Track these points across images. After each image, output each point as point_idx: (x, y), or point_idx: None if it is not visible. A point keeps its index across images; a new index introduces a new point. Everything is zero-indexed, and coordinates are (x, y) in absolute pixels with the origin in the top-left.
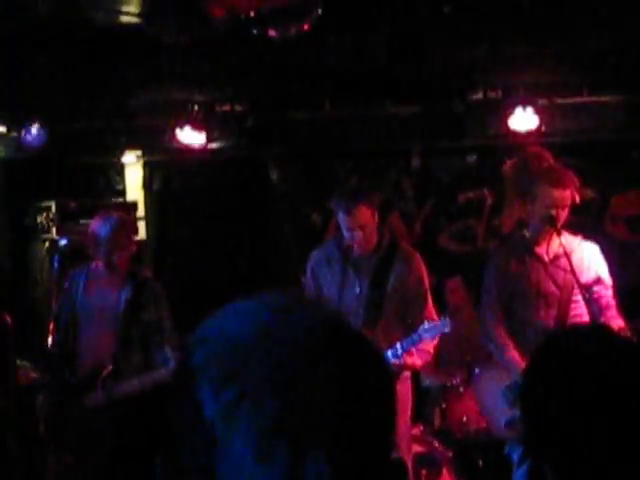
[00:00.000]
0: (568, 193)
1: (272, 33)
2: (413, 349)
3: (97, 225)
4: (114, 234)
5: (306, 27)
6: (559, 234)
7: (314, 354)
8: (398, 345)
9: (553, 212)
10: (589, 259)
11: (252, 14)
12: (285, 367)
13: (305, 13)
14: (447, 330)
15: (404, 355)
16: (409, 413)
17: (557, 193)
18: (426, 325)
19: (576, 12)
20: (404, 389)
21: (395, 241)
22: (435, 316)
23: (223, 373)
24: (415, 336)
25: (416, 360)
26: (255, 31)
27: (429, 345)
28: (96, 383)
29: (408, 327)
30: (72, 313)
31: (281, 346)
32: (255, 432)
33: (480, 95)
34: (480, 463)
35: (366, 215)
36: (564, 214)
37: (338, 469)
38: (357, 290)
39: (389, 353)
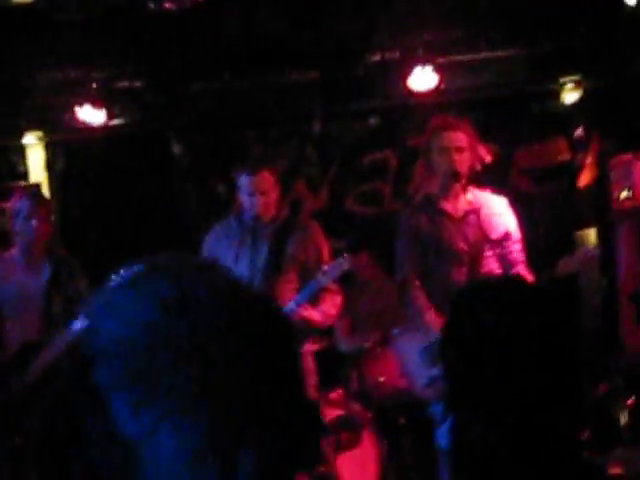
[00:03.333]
0: (461, 135)
1: (168, 5)
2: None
3: (17, 198)
4: (35, 203)
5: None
6: (464, 190)
7: (226, 353)
8: (294, 298)
9: (451, 157)
10: (498, 213)
11: None
12: (199, 378)
13: None
14: (346, 266)
15: (299, 308)
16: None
17: (448, 134)
18: (324, 268)
19: None
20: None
21: (294, 214)
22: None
23: (137, 393)
24: (313, 283)
25: (313, 314)
26: (152, 5)
27: (329, 305)
28: (22, 364)
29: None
30: None
31: (189, 348)
32: (181, 449)
33: (378, 57)
34: (401, 422)
35: (268, 180)
36: (462, 159)
37: (265, 463)
38: (254, 259)
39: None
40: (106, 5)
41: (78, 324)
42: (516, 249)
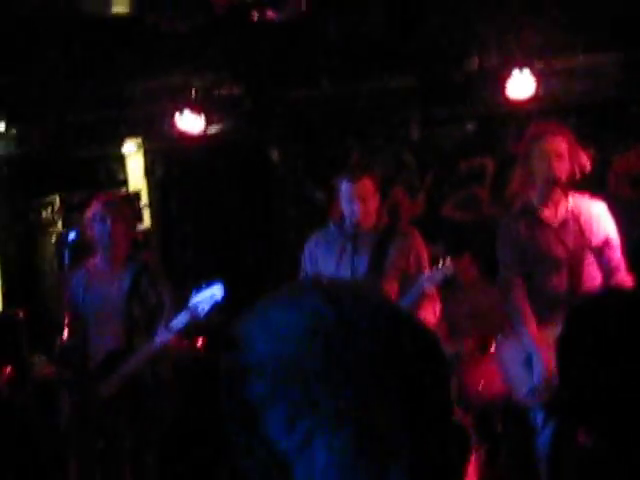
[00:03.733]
0: (560, 140)
1: (270, 15)
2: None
3: (90, 206)
4: (106, 206)
5: (303, 7)
6: (564, 197)
7: (379, 373)
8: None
9: (551, 164)
10: (597, 219)
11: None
12: (352, 395)
13: None
14: (449, 271)
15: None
16: None
17: (548, 140)
18: (428, 273)
19: None
20: None
21: (394, 222)
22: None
23: (290, 407)
24: (416, 288)
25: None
26: (254, 14)
27: (429, 312)
28: (107, 371)
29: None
30: (77, 313)
31: (344, 366)
32: (333, 463)
33: (477, 63)
34: (499, 428)
35: (369, 188)
36: (561, 165)
37: (417, 474)
38: (355, 267)
39: None
40: (210, 15)
41: (163, 335)
42: (616, 256)
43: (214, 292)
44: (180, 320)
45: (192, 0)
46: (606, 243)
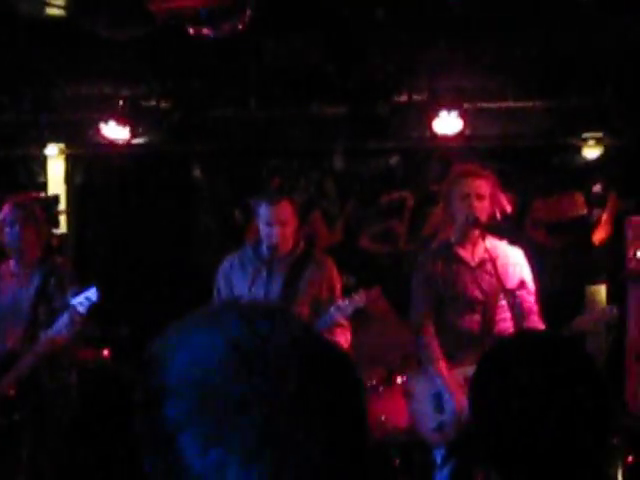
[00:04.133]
0: (482, 182)
1: (206, 32)
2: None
3: (2, 209)
4: (17, 210)
5: (240, 27)
6: (483, 238)
7: (296, 400)
8: None
9: (471, 204)
10: (514, 264)
11: (187, 12)
12: (266, 421)
13: (239, 13)
14: (361, 302)
15: None
16: None
17: (470, 181)
18: (339, 303)
19: (503, 18)
20: None
21: (310, 248)
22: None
23: (205, 431)
24: (327, 317)
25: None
26: (191, 30)
27: (342, 340)
28: (2, 372)
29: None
30: None
31: (259, 391)
32: None
33: (405, 98)
34: (397, 462)
35: (288, 211)
36: (482, 206)
37: None
38: (268, 290)
39: None
40: (148, 26)
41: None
42: (530, 299)
43: (89, 295)
44: (62, 322)
45: (132, 9)
46: (521, 286)
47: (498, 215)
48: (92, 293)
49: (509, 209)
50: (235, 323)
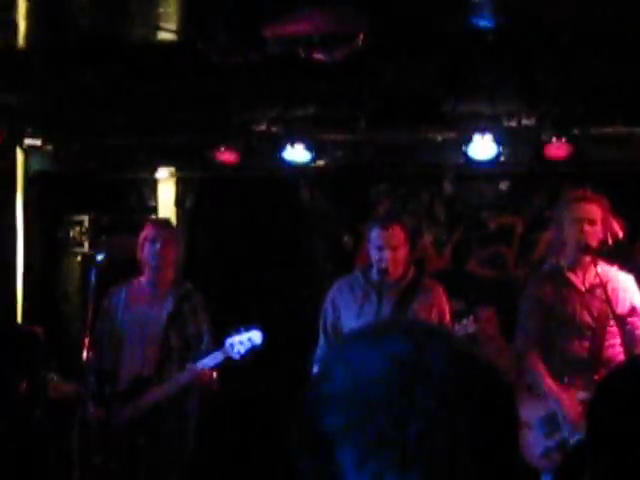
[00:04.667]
0: (594, 207)
1: (318, 56)
2: None
3: (145, 227)
4: (160, 228)
5: (353, 52)
6: (594, 264)
7: (452, 419)
8: None
9: (582, 230)
10: (624, 289)
11: (300, 38)
12: (428, 436)
13: (352, 38)
14: (471, 329)
15: None
16: None
17: (581, 206)
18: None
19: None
20: None
21: (420, 274)
22: None
23: (364, 444)
24: None
25: None
26: (302, 54)
27: None
28: (132, 395)
29: None
30: (112, 330)
31: (418, 408)
32: None
33: (515, 123)
34: None
35: (399, 236)
36: (594, 231)
37: None
38: (378, 316)
39: None
40: (262, 52)
41: (193, 371)
42: None
43: (252, 336)
44: (213, 358)
45: (247, 34)
46: (632, 313)
47: (610, 240)
48: (256, 336)
49: (621, 234)
50: (397, 339)
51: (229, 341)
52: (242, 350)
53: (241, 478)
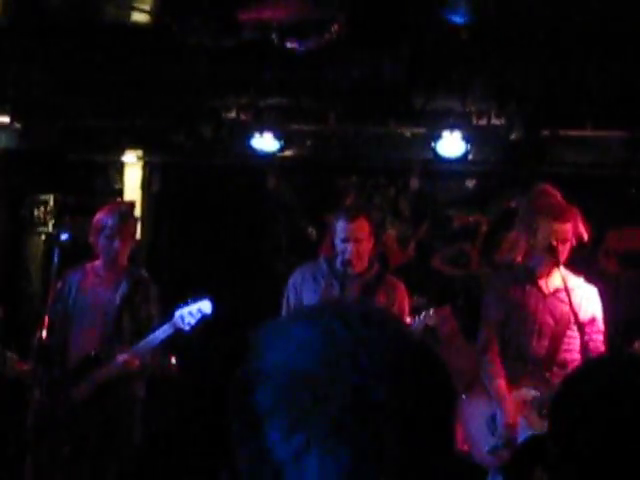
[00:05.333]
0: (569, 227)
1: (291, 44)
2: None
3: (105, 213)
4: (120, 223)
5: (326, 41)
6: (558, 266)
7: (385, 393)
8: None
9: (554, 244)
10: (588, 299)
11: (275, 24)
12: (353, 409)
13: (327, 27)
14: (431, 321)
15: None
16: None
17: (557, 226)
18: (407, 321)
19: (586, 46)
20: None
21: (383, 269)
22: None
23: (291, 417)
24: None
25: None
26: (276, 40)
27: None
28: (82, 375)
29: None
30: (64, 312)
31: (350, 383)
32: (325, 475)
33: (485, 122)
34: None
35: (365, 229)
36: (565, 248)
37: None
38: None
39: None
40: (236, 37)
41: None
42: (599, 338)
43: (202, 306)
44: (162, 331)
45: (222, 18)
46: (591, 322)
47: (575, 243)
48: (206, 306)
49: (586, 237)
50: (332, 317)
51: (178, 313)
52: (192, 321)
53: (188, 463)
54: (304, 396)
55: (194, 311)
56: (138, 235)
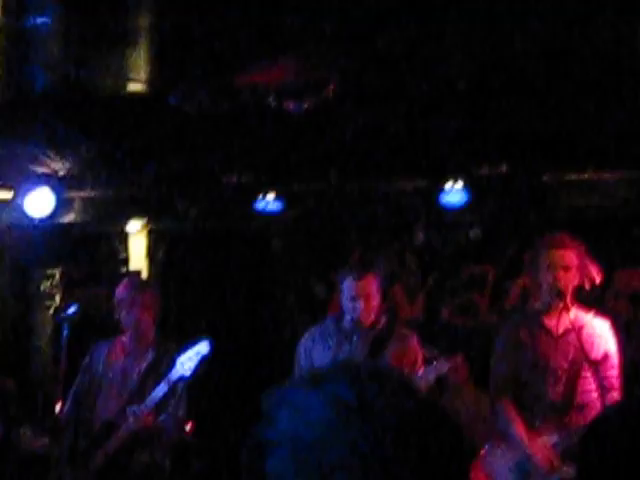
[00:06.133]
0: (569, 253)
1: (289, 106)
2: None
3: (122, 287)
4: (136, 294)
5: (323, 101)
6: (567, 309)
7: (395, 460)
8: None
9: (557, 275)
10: (599, 335)
11: (271, 88)
12: (362, 475)
13: (323, 87)
14: (443, 370)
15: None
16: None
17: (557, 252)
18: (421, 372)
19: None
20: None
21: (392, 322)
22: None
23: None
24: None
25: None
26: (273, 103)
27: None
28: (101, 443)
29: None
30: (90, 384)
31: (359, 451)
32: None
33: (486, 171)
34: None
35: (372, 286)
36: (569, 277)
37: None
38: None
39: None
40: (235, 101)
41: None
42: (613, 374)
43: (200, 349)
44: (166, 382)
45: (218, 85)
46: (605, 359)
47: (587, 285)
48: (203, 347)
49: (598, 279)
50: (340, 381)
51: (179, 361)
52: (192, 365)
53: None
54: (314, 463)
55: (193, 355)
56: None
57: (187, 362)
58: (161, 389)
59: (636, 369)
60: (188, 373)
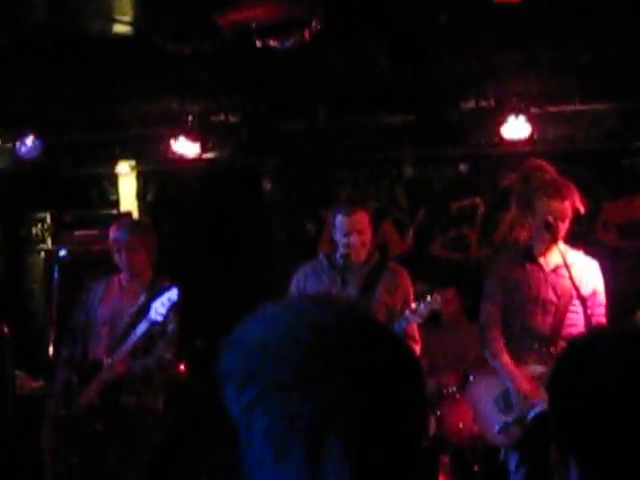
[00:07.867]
0: (567, 204)
1: (273, 43)
2: None
3: (113, 229)
4: (127, 236)
5: (307, 38)
6: (556, 243)
7: (327, 353)
8: None
9: (551, 221)
10: (588, 274)
11: (254, 25)
12: (300, 367)
13: (305, 25)
14: (436, 305)
15: None
16: None
17: (556, 205)
18: (413, 307)
19: (568, 20)
20: None
21: (383, 258)
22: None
23: (244, 374)
24: (402, 321)
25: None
26: (257, 42)
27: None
28: (89, 382)
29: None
30: (86, 321)
31: (298, 347)
32: (272, 431)
33: (473, 104)
34: (476, 469)
35: (364, 220)
36: (564, 225)
37: (359, 465)
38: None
39: None
40: (216, 41)
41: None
42: (601, 311)
43: (170, 295)
44: (139, 329)
45: (199, 23)
46: (593, 296)
47: (571, 216)
48: (173, 294)
49: (582, 210)
50: (315, 308)
51: (153, 306)
52: (163, 311)
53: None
54: (257, 358)
55: (165, 301)
56: None
57: (159, 307)
58: (139, 330)
59: (622, 298)
60: (159, 318)
